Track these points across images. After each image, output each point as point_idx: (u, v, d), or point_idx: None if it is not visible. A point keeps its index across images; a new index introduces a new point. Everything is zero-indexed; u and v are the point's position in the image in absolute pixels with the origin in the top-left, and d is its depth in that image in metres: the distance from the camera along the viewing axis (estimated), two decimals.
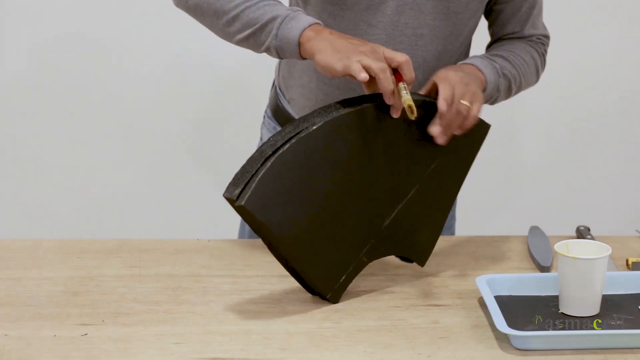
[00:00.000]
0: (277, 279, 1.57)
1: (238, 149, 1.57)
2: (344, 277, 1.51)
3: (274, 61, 1.87)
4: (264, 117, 1.89)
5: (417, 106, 1.46)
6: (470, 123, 1.55)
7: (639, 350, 1.36)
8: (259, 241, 1.41)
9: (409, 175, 1.55)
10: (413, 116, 1.44)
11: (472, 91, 1.55)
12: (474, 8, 1.68)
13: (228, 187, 1.42)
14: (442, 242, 1.77)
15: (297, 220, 1.44)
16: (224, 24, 1.59)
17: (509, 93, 1.72)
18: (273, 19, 1.53)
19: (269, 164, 1.41)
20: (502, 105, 1.78)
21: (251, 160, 1.43)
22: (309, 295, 1.54)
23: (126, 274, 1.62)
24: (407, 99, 1.44)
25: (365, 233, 1.52)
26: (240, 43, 1.60)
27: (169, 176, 2.89)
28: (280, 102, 1.81)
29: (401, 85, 1.46)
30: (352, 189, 1.49)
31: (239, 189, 1.41)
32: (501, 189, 3.03)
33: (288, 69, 1.77)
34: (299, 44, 1.51)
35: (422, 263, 1.62)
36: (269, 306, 1.51)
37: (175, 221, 2.88)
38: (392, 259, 1.67)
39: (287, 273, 1.54)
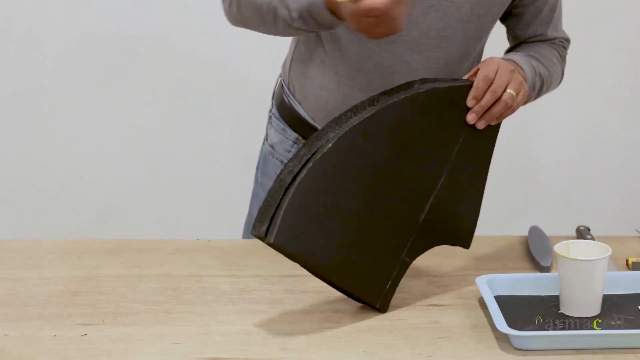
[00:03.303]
0: (277, 279, 1.57)
1: (239, 149, 1.56)
2: (389, 284, 1.49)
3: (280, 60, 1.87)
4: (270, 116, 1.87)
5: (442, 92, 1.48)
6: (510, 113, 1.53)
7: (639, 350, 1.36)
8: (260, 241, 1.41)
9: (434, 164, 1.51)
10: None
11: (519, 80, 1.53)
12: (496, 11, 1.67)
13: (254, 224, 1.40)
14: None
15: (330, 242, 1.42)
16: (271, 24, 1.59)
17: (539, 94, 1.70)
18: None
19: (290, 194, 1.38)
20: None
21: (272, 191, 1.40)
22: (309, 295, 1.53)
23: (126, 274, 1.62)
24: None
25: (402, 234, 1.50)
26: (288, 32, 1.60)
27: (170, 176, 2.89)
28: (289, 101, 1.78)
29: None
30: (381, 195, 1.46)
31: (266, 225, 1.38)
32: (501, 189, 3.02)
33: (303, 70, 1.75)
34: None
35: (466, 245, 1.59)
36: (269, 306, 1.51)
37: (175, 221, 2.88)
38: None
39: (287, 273, 1.54)
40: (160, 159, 2.88)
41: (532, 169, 3.01)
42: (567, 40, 1.80)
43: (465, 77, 1.56)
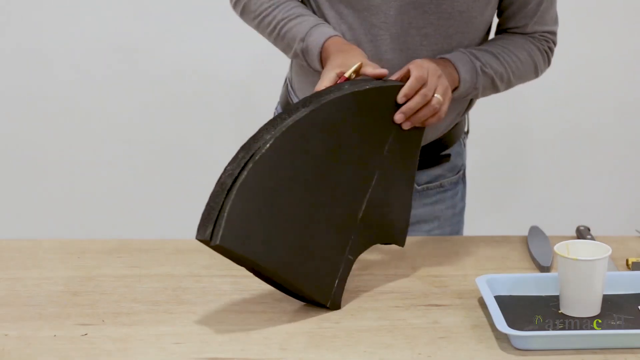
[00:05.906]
0: None
1: None
2: (337, 282, 1.50)
3: (285, 59, 1.87)
4: (274, 113, 1.88)
5: (380, 92, 1.51)
6: (436, 120, 1.55)
7: (639, 350, 1.36)
8: None
9: (368, 163, 1.53)
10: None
11: (445, 85, 1.55)
12: (481, 6, 1.67)
13: (198, 229, 1.40)
14: (443, 242, 1.77)
15: (276, 242, 1.43)
16: (256, 25, 1.72)
17: (494, 89, 1.71)
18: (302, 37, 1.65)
19: (232, 196, 1.39)
20: (503, 105, 1.78)
21: (214, 195, 1.41)
22: None
23: (126, 274, 1.62)
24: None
25: (344, 231, 1.51)
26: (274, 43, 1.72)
27: (170, 176, 2.89)
28: (291, 98, 1.81)
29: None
30: (321, 193, 1.47)
31: (210, 229, 1.39)
32: (501, 189, 3.03)
33: (301, 67, 1.76)
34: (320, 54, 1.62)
35: (401, 243, 1.61)
36: (269, 306, 1.51)
37: (175, 221, 2.88)
38: (392, 258, 1.67)
39: None
40: (161, 158, 2.88)
41: (532, 169, 3.01)
42: (552, 33, 1.78)
43: (395, 76, 1.56)
